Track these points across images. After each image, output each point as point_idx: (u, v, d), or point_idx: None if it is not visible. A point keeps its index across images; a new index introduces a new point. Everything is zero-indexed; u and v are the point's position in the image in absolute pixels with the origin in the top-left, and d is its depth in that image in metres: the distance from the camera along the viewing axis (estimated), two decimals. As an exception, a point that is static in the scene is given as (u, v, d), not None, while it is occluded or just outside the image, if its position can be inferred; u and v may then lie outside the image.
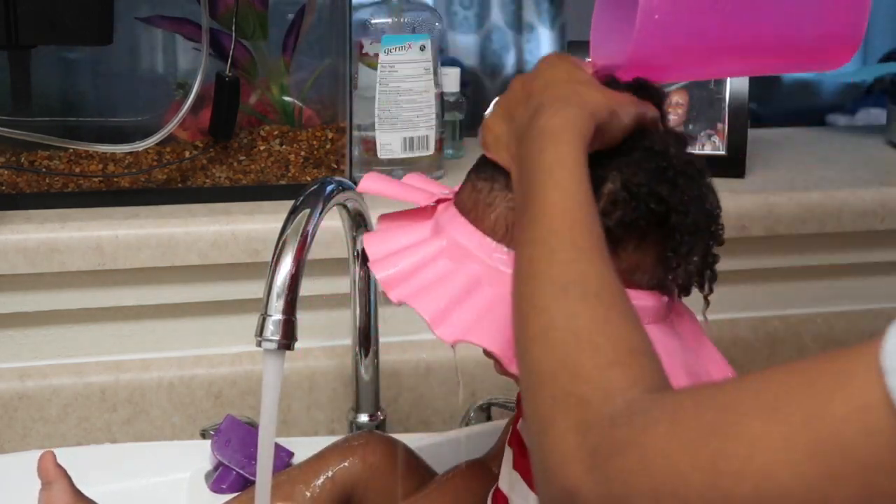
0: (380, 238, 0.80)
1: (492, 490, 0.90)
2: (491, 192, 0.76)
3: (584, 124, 0.68)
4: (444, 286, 0.74)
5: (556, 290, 0.61)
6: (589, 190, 0.66)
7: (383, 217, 0.84)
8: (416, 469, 1.02)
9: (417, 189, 0.83)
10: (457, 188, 0.81)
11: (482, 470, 0.97)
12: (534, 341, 0.61)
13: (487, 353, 0.78)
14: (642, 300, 0.74)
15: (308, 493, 0.98)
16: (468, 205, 0.77)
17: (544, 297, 0.61)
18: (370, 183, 0.84)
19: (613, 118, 0.71)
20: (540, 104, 0.70)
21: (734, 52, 0.77)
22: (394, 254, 0.77)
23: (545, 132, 0.68)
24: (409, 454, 1.03)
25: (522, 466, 0.83)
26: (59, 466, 0.94)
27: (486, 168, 0.77)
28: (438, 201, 0.80)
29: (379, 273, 0.75)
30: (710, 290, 0.78)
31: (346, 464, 0.98)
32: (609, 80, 0.76)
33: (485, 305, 0.72)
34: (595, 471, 0.54)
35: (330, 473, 0.98)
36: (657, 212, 0.73)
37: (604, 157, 0.72)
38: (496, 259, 0.74)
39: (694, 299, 0.80)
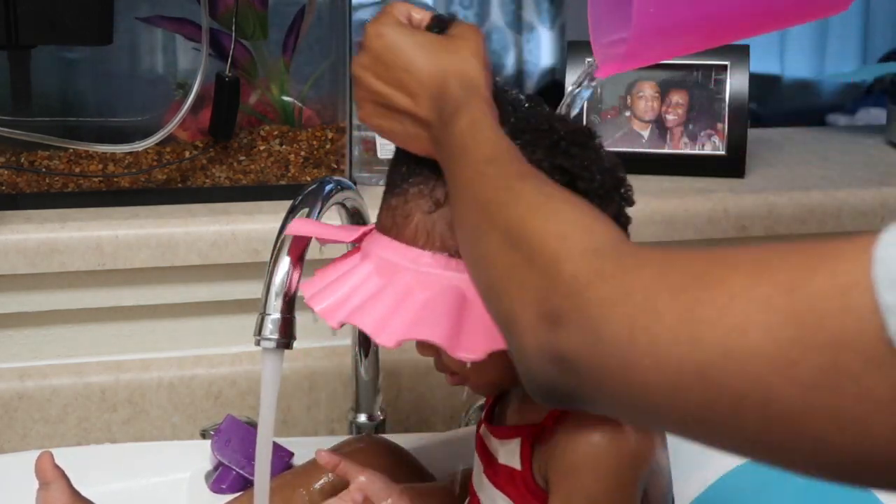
0: (314, 281, 0.82)
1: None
2: (406, 205, 0.78)
3: (484, 92, 0.74)
4: (379, 300, 0.76)
5: (510, 183, 0.66)
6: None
7: (319, 270, 0.86)
8: (414, 473, 1.02)
9: (340, 227, 0.87)
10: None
11: None
12: (486, 238, 0.65)
13: (426, 352, 0.81)
14: None
15: (307, 497, 0.98)
16: (387, 224, 0.79)
17: (489, 196, 0.66)
18: (297, 227, 0.86)
19: (489, 63, 0.76)
20: (433, 104, 0.74)
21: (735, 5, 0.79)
22: (328, 286, 0.80)
23: (455, 115, 0.72)
24: (407, 458, 1.03)
25: (492, 475, 0.84)
26: (57, 467, 0.94)
27: (397, 185, 0.79)
28: (363, 234, 0.83)
29: (316, 305, 0.78)
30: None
31: (341, 456, 0.98)
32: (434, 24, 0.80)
33: (420, 307, 0.75)
34: (575, 297, 0.56)
35: (329, 477, 0.98)
36: (563, 182, 0.74)
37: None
38: (423, 264, 0.76)
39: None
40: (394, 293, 0.76)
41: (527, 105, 0.80)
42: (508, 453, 0.82)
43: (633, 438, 0.77)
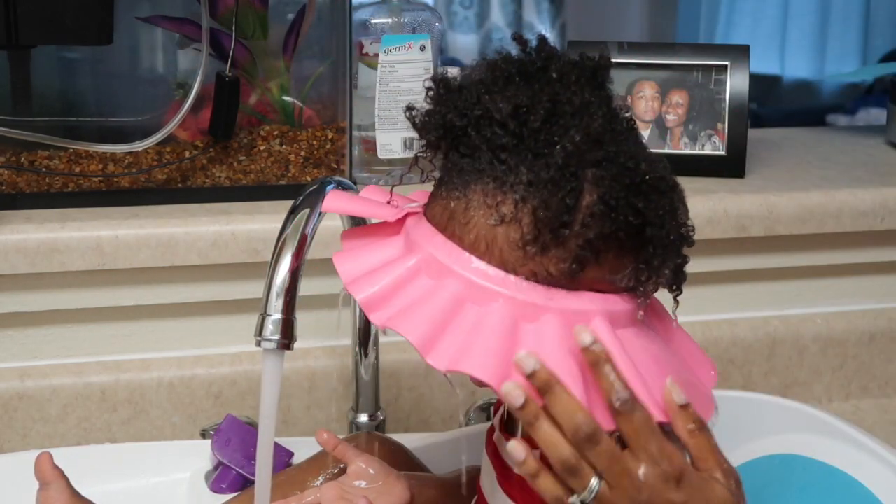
0: (351, 257, 0.78)
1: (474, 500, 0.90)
2: (467, 211, 0.73)
3: None
4: (428, 306, 0.72)
5: None
6: None
7: (347, 234, 0.82)
8: (414, 470, 1.02)
9: (381, 204, 0.81)
10: (423, 200, 0.79)
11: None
12: None
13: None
14: (619, 304, 0.74)
15: (307, 495, 0.98)
16: (443, 221, 0.74)
17: None
18: (333, 202, 0.82)
19: None
20: None
21: None
22: (370, 272, 0.75)
23: None
24: (408, 455, 1.03)
25: (507, 486, 0.83)
26: (56, 467, 0.94)
27: (456, 183, 0.74)
28: (407, 215, 0.78)
29: (358, 294, 0.73)
30: (680, 291, 0.78)
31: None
32: None
33: (471, 328, 0.71)
34: None
35: (329, 474, 0.98)
36: (633, 224, 0.72)
37: (578, 167, 0.71)
38: (478, 274, 0.72)
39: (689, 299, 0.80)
40: (444, 301, 0.72)
41: (625, 124, 0.76)
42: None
43: None
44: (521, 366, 0.69)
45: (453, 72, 0.81)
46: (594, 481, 0.69)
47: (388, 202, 0.80)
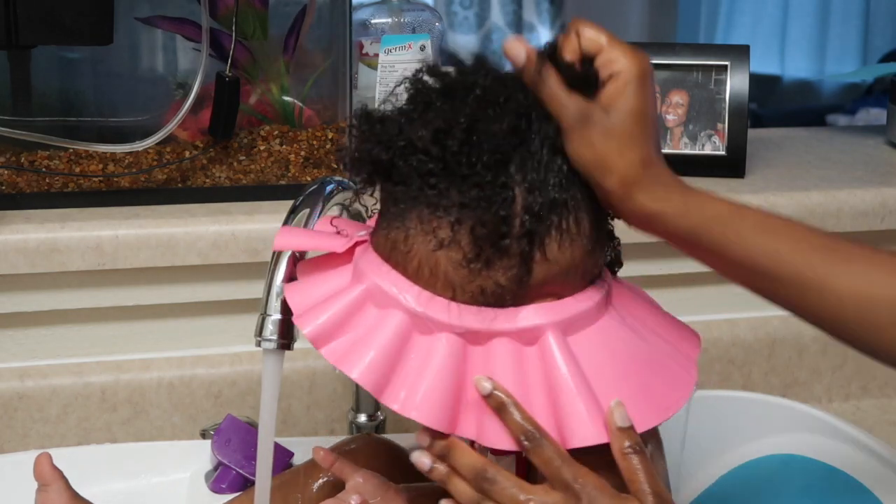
0: (301, 288, 0.79)
1: None
2: (407, 239, 0.73)
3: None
4: (375, 339, 0.72)
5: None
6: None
7: (302, 264, 0.83)
8: (414, 473, 1.02)
9: (332, 235, 0.81)
10: (373, 224, 0.79)
11: None
12: None
13: None
14: (574, 306, 0.74)
15: (307, 495, 0.98)
16: (385, 250, 0.75)
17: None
18: (284, 239, 0.83)
19: None
20: None
21: None
22: (318, 304, 0.76)
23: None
24: (407, 457, 1.03)
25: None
26: (56, 468, 0.94)
27: (394, 213, 0.74)
28: (356, 244, 0.78)
29: (305, 328, 0.74)
30: (620, 264, 0.81)
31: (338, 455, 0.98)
32: None
33: (419, 365, 0.72)
34: None
35: (327, 476, 0.98)
36: (567, 205, 0.73)
37: (505, 176, 0.71)
38: (421, 303, 0.72)
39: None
40: (391, 334, 0.72)
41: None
42: (504, 467, 0.82)
43: None
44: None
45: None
46: None
47: (338, 232, 0.81)
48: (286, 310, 0.85)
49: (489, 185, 0.71)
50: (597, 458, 0.72)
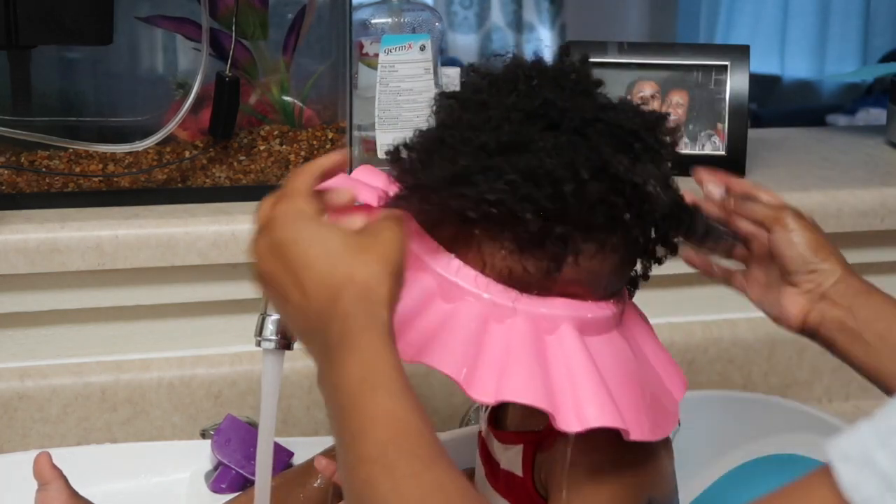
0: None
1: None
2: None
3: (382, 311, 0.64)
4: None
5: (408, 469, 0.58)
6: (408, 387, 0.62)
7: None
8: None
9: (368, 186, 0.80)
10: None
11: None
12: None
13: None
14: (592, 311, 0.75)
15: (307, 495, 0.98)
16: (420, 217, 0.74)
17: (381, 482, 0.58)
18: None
19: (401, 269, 0.67)
20: (325, 312, 0.65)
21: None
22: None
23: (344, 343, 0.64)
24: None
25: (494, 483, 0.84)
26: (55, 467, 0.94)
27: (436, 185, 0.73)
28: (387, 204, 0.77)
29: None
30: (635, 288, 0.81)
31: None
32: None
33: (439, 322, 0.71)
34: None
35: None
36: (610, 224, 0.72)
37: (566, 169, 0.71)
38: (450, 271, 0.72)
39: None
40: (414, 294, 0.71)
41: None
42: (510, 459, 0.82)
43: (636, 454, 0.76)
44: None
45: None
46: None
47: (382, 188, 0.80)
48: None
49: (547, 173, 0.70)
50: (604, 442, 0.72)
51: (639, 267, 0.80)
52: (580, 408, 0.71)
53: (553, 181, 0.70)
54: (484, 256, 0.72)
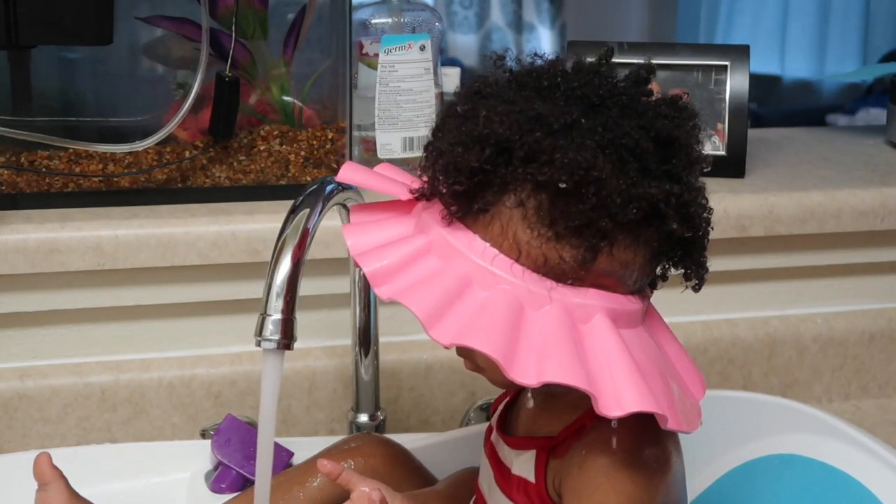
0: (361, 230, 0.78)
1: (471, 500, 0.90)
2: (484, 192, 0.73)
3: None
4: (435, 284, 0.72)
5: None
6: None
7: (357, 209, 0.83)
8: (414, 471, 1.02)
9: (394, 181, 0.82)
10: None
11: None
12: None
13: (463, 352, 0.78)
14: (623, 304, 0.75)
15: (307, 494, 0.98)
16: (481, 228, 0.74)
17: None
18: (349, 173, 0.82)
19: None
20: None
21: None
22: (379, 247, 0.75)
23: None
24: (407, 456, 1.03)
25: (504, 486, 0.83)
26: (55, 467, 0.94)
27: (473, 169, 0.73)
28: (417, 196, 0.78)
29: (367, 266, 0.74)
30: (698, 282, 0.81)
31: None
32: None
33: (477, 308, 0.72)
34: None
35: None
36: (649, 214, 0.73)
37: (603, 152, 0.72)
38: (486, 258, 0.73)
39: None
40: (452, 281, 0.72)
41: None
42: (522, 465, 0.82)
43: (650, 458, 0.76)
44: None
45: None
46: None
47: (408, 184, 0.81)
48: (287, 309, 0.85)
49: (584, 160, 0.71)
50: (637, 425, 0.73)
51: (658, 269, 0.80)
52: (619, 393, 0.70)
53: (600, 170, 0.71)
54: (520, 245, 0.73)
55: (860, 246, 1.35)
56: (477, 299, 0.72)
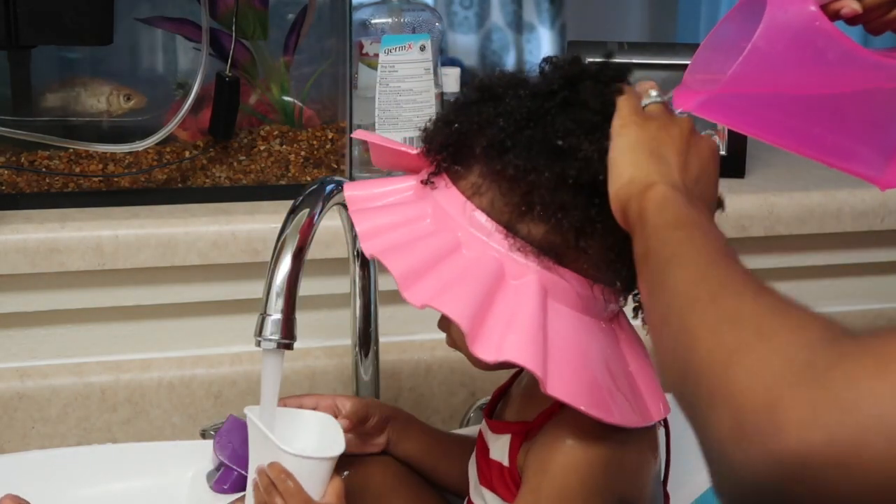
0: (361, 187, 0.81)
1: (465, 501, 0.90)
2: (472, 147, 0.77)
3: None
4: (420, 246, 0.75)
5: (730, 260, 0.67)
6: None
7: (355, 184, 0.85)
8: (413, 470, 1.02)
9: (402, 145, 0.85)
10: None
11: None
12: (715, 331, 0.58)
13: (444, 327, 0.79)
14: (585, 290, 0.77)
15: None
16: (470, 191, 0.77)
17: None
18: (362, 133, 0.86)
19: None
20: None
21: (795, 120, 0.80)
22: (377, 209, 0.78)
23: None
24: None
25: (486, 472, 0.84)
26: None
27: (471, 127, 0.78)
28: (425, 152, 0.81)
29: (359, 225, 0.77)
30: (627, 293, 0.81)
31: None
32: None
33: (458, 272, 0.73)
34: (819, 381, 0.52)
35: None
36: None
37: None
38: (475, 225, 0.75)
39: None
40: (439, 244, 0.75)
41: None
42: (499, 449, 0.82)
43: (613, 447, 0.76)
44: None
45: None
46: None
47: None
48: (287, 309, 0.85)
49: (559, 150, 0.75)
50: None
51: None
52: (503, 340, 0.72)
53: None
54: (493, 199, 0.75)
55: (860, 246, 1.35)
56: (459, 263, 0.74)
